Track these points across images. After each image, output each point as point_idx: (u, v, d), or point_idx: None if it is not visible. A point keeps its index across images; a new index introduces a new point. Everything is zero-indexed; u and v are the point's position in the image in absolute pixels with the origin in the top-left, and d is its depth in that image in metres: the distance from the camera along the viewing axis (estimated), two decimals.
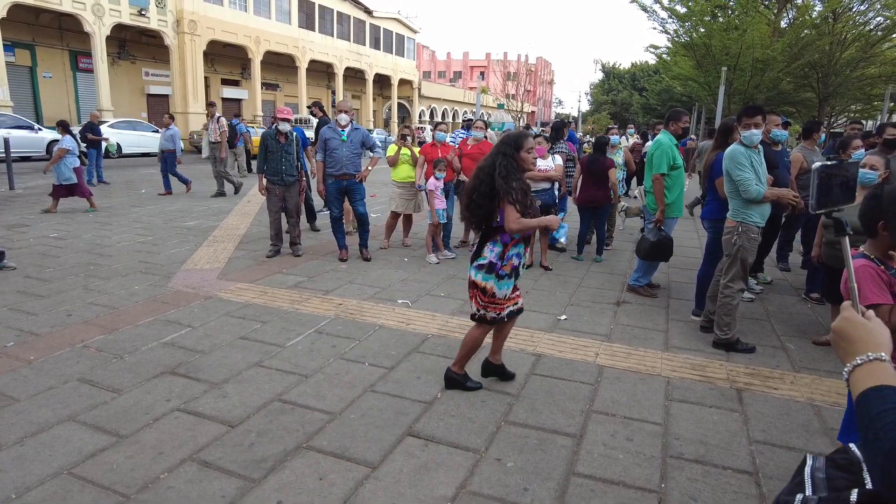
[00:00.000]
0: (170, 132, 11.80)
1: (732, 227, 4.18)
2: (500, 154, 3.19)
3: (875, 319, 1.09)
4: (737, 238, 4.14)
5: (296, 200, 6.85)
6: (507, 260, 3.21)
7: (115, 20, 22.31)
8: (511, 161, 3.16)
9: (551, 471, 2.69)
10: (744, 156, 4.06)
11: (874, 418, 0.88)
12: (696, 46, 24.18)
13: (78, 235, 7.52)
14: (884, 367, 0.98)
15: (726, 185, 4.23)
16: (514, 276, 3.27)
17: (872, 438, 0.86)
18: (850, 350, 1.05)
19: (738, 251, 4.15)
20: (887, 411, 0.88)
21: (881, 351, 1.01)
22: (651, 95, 46.54)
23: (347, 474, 2.61)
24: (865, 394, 0.94)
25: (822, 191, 1.39)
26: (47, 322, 4.41)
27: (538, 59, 68.94)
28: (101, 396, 3.28)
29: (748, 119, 4.10)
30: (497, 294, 3.23)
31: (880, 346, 1.02)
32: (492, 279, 3.21)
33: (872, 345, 1.03)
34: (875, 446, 0.85)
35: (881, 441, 0.84)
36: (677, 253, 7.43)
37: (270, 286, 5.53)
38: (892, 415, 0.87)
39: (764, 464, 2.80)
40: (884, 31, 22.41)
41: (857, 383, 0.98)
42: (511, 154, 3.18)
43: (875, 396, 0.92)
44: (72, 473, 2.56)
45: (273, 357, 3.89)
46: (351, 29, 37.14)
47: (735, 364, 4.01)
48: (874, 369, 0.98)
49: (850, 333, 1.07)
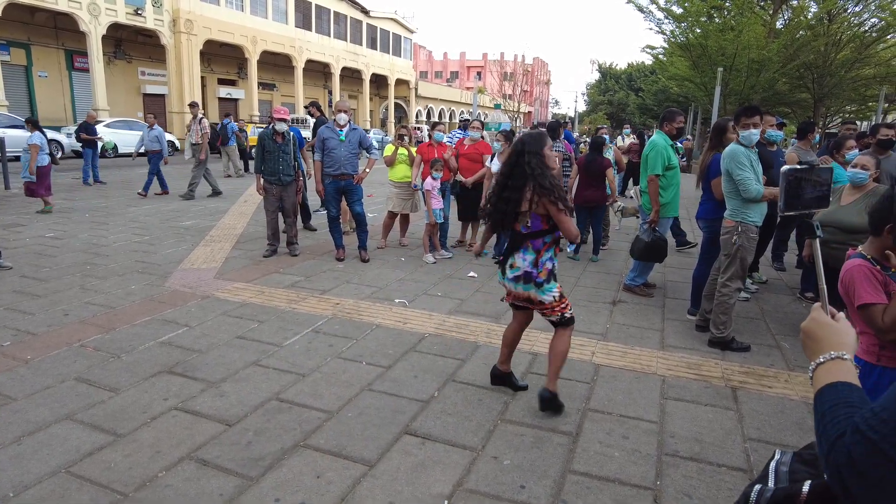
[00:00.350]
0: (154, 132, 11.55)
1: (731, 226, 4.20)
2: (526, 153, 3.06)
3: (842, 320, 1.12)
4: (736, 237, 4.16)
5: (293, 200, 6.86)
6: (541, 266, 3.11)
7: (111, 19, 22.26)
8: (542, 160, 3.05)
9: (548, 468, 2.70)
10: (744, 155, 4.08)
11: (825, 413, 0.91)
12: (693, 47, 24.23)
13: (74, 235, 7.51)
14: (844, 364, 1.01)
15: (725, 184, 4.25)
16: (552, 279, 3.15)
17: (822, 431, 0.89)
18: (815, 349, 1.09)
19: (738, 251, 4.18)
20: (837, 405, 0.91)
21: (843, 350, 1.03)
22: (647, 96, 46.61)
23: (345, 472, 2.63)
24: (821, 390, 0.97)
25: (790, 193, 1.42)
26: (44, 321, 4.41)
27: (535, 60, 69.06)
28: (99, 395, 3.28)
29: (747, 119, 4.13)
30: (544, 301, 3.11)
31: (843, 346, 1.05)
32: (532, 288, 3.11)
33: (836, 344, 1.06)
34: (823, 439, 0.87)
35: (828, 433, 0.87)
36: (673, 252, 7.47)
37: (267, 286, 5.53)
38: (841, 408, 0.89)
39: (758, 461, 2.82)
40: (878, 33, 22.51)
41: (818, 380, 1.01)
42: (539, 152, 3.06)
43: (829, 392, 0.95)
44: (69, 472, 2.57)
45: (270, 356, 3.90)
46: (348, 29, 37.13)
47: (730, 363, 4.04)
48: (834, 367, 1.01)
49: (816, 333, 1.11)
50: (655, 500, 2.50)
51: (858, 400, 0.92)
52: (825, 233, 4.19)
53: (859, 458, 0.78)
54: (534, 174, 3.01)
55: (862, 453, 0.78)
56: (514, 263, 3.15)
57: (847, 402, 0.91)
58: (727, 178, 4.19)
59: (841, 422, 0.86)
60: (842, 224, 4.09)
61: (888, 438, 0.76)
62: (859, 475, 0.78)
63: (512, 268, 3.15)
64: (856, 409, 0.87)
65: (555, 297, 3.12)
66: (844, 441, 0.82)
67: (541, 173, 3.01)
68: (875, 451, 0.77)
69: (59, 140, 18.67)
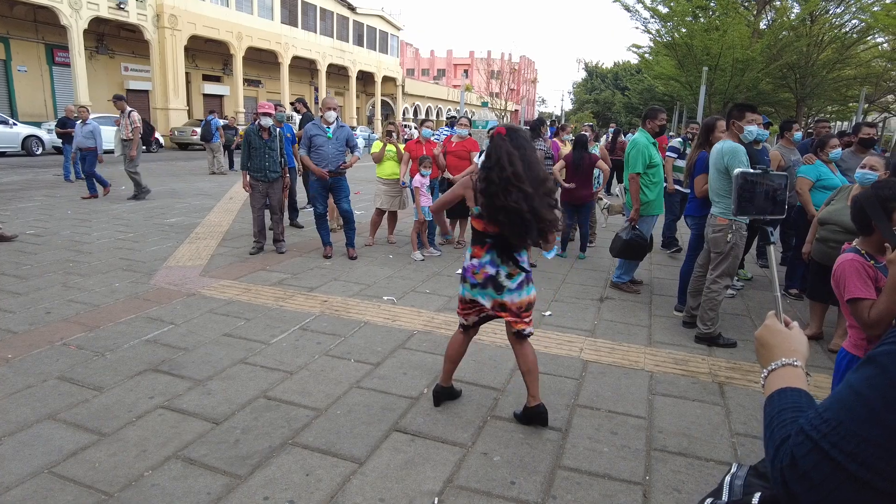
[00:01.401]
0: (88, 127, 10.31)
1: (725, 224, 4.20)
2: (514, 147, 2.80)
3: (795, 329, 1.13)
4: (731, 235, 4.18)
5: (279, 197, 6.80)
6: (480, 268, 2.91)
7: (92, 13, 21.89)
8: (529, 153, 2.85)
9: (537, 464, 2.71)
10: (744, 154, 4.10)
11: (773, 417, 0.90)
12: (678, 46, 24.43)
13: (56, 232, 7.38)
14: (794, 371, 1.01)
15: (720, 182, 4.23)
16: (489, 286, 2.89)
17: (769, 436, 0.88)
18: (767, 356, 1.09)
19: (731, 249, 4.21)
20: (784, 409, 0.90)
21: (794, 357, 1.04)
22: (633, 95, 46.94)
23: (334, 470, 2.61)
24: (771, 396, 0.97)
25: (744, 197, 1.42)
26: (25, 320, 4.33)
27: (521, 58, 69.16)
28: (82, 394, 3.22)
29: (751, 114, 4.18)
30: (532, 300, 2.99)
31: (794, 353, 1.05)
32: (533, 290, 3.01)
33: (788, 351, 1.06)
34: (769, 444, 0.86)
35: (774, 437, 0.85)
36: (659, 249, 7.53)
37: (254, 283, 5.48)
38: (788, 412, 0.89)
39: (745, 455, 2.85)
40: (859, 34, 22.85)
41: (768, 387, 1.00)
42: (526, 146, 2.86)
43: (778, 397, 0.95)
44: (52, 472, 2.52)
45: (257, 354, 3.86)
46: (334, 25, 36.91)
47: (717, 358, 4.07)
48: (784, 374, 1.01)
49: (769, 341, 1.11)
50: (644, 495, 2.52)
51: (807, 404, 0.91)
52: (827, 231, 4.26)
53: (801, 459, 0.77)
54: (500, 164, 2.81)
55: (804, 454, 0.76)
56: (512, 272, 2.89)
57: (795, 407, 0.90)
58: (724, 175, 4.18)
59: (787, 425, 0.85)
60: (844, 224, 4.12)
61: (829, 438, 0.75)
62: (802, 476, 0.76)
63: (511, 277, 2.89)
64: (802, 413, 0.86)
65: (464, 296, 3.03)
66: (789, 443, 0.80)
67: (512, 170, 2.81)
68: (817, 450, 0.75)
69: (40, 136, 18.37)
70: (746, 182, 1.42)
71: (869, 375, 0.76)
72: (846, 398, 0.77)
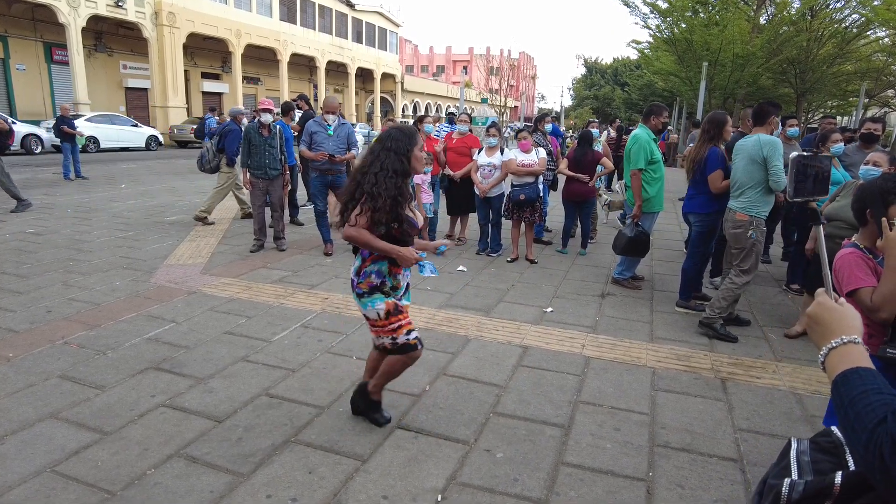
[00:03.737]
0: None
1: (746, 220, 4.26)
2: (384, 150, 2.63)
3: (847, 305, 1.12)
4: (753, 231, 4.24)
5: (280, 194, 6.79)
6: (363, 276, 2.70)
7: (90, 11, 21.82)
8: (403, 160, 2.62)
9: (540, 461, 2.70)
10: (781, 147, 4.17)
11: (854, 399, 0.90)
12: (678, 42, 24.40)
13: (56, 231, 7.37)
14: (858, 349, 1.01)
15: (748, 174, 4.25)
16: (375, 293, 2.69)
17: (854, 418, 0.88)
18: (824, 334, 1.08)
19: (755, 245, 4.27)
20: (867, 392, 0.90)
21: (854, 334, 1.03)
22: (633, 90, 46.90)
23: (337, 467, 2.60)
24: (844, 374, 0.96)
25: (799, 180, 1.44)
26: (26, 318, 4.32)
27: (521, 54, 69.03)
28: (84, 393, 3.22)
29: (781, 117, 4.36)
30: (367, 315, 2.73)
31: (853, 330, 1.05)
32: (356, 300, 2.76)
33: (846, 328, 1.05)
34: (857, 426, 0.87)
35: (863, 421, 0.86)
36: (660, 245, 7.53)
37: (255, 281, 5.47)
38: (873, 395, 0.89)
39: (748, 451, 2.85)
40: (859, 28, 22.80)
41: (833, 366, 1.00)
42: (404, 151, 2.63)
43: (854, 377, 0.95)
44: (55, 471, 2.52)
45: (259, 352, 3.85)
46: (333, 22, 36.81)
47: (719, 354, 4.07)
48: (849, 352, 1.01)
49: (825, 318, 1.10)
50: (648, 491, 2.51)
51: (884, 385, 0.92)
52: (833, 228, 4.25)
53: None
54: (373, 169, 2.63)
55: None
56: None
57: (876, 389, 0.91)
58: (758, 166, 4.20)
59: (877, 408, 0.86)
60: (849, 220, 4.11)
61: None
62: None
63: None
64: (885, 395, 0.87)
65: (379, 313, 2.69)
66: (887, 427, 0.82)
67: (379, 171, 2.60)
68: None
69: (39, 135, 18.33)
70: (803, 166, 1.44)
71: None
72: None
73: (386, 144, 2.64)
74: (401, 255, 2.62)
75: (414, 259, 2.64)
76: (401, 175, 2.61)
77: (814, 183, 1.45)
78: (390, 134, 2.68)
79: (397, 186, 2.58)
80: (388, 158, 2.61)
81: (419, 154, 2.69)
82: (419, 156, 2.69)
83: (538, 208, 6.46)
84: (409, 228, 2.68)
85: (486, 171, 6.58)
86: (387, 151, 2.62)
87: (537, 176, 6.53)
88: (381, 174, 2.58)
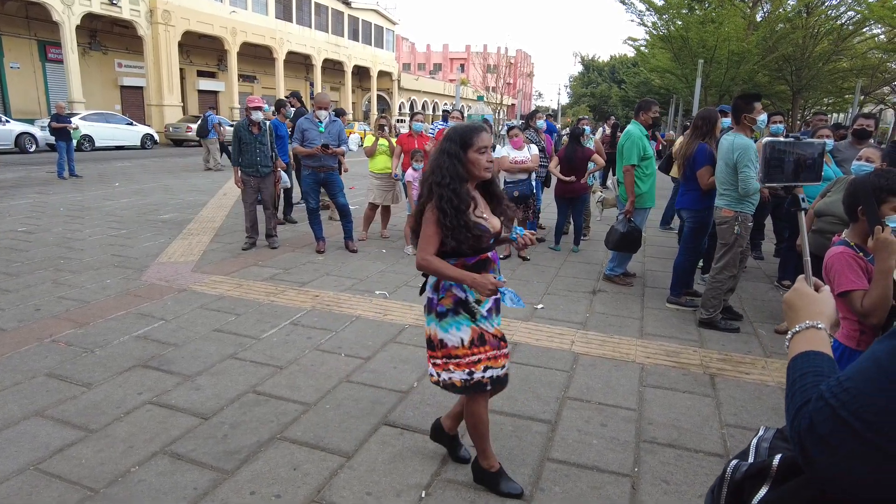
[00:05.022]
0: None
1: (731, 216, 4.28)
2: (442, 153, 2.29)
3: (825, 291, 1.14)
4: (738, 227, 4.27)
5: (271, 192, 6.77)
6: (444, 291, 2.30)
7: (85, 9, 21.74)
8: (455, 163, 2.25)
9: (526, 457, 2.70)
10: (753, 151, 4.13)
11: (795, 380, 0.92)
12: (674, 39, 24.38)
13: (48, 229, 7.35)
14: (818, 334, 1.02)
15: (726, 175, 4.26)
16: (461, 312, 2.28)
17: (789, 398, 0.90)
18: (793, 318, 1.10)
19: (737, 240, 4.29)
20: (806, 374, 0.91)
21: (818, 320, 1.04)
22: (629, 88, 46.84)
23: (322, 464, 2.60)
24: (794, 358, 0.98)
25: (772, 165, 1.43)
26: (14, 317, 4.30)
27: (518, 52, 68.98)
28: (71, 391, 3.21)
29: (758, 105, 4.25)
30: (446, 341, 2.29)
31: (819, 315, 1.06)
32: (433, 321, 2.33)
33: (813, 314, 1.07)
34: (789, 406, 0.88)
35: (794, 400, 0.87)
36: (652, 242, 7.53)
37: (246, 278, 5.46)
38: (809, 377, 0.90)
39: (735, 446, 2.85)
40: (855, 25, 22.81)
41: (792, 349, 1.02)
42: (456, 153, 2.26)
43: (801, 360, 0.96)
44: (38, 469, 2.51)
45: (247, 349, 3.84)
46: (329, 20, 36.74)
47: (708, 350, 4.07)
48: (809, 336, 1.02)
49: (796, 303, 1.13)
50: (633, 487, 2.51)
51: (828, 369, 0.92)
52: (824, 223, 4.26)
53: (820, 425, 0.79)
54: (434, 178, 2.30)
55: (822, 419, 0.79)
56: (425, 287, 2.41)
57: (816, 371, 0.91)
58: (731, 169, 4.21)
59: (808, 390, 0.87)
60: (841, 216, 4.11)
61: (848, 406, 0.77)
62: (819, 441, 0.79)
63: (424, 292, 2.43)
64: (823, 378, 0.88)
65: (463, 339, 2.28)
66: (808, 408, 0.82)
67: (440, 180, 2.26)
68: (835, 417, 0.77)
69: (34, 133, 18.26)
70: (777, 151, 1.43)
71: (892, 348, 0.78)
72: (868, 368, 0.79)
73: (442, 146, 2.31)
74: (476, 283, 2.17)
75: (490, 285, 2.15)
76: (457, 180, 2.23)
77: (796, 169, 1.43)
78: (447, 134, 2.36)
79: (455, 192, 2.21)
80: (443, 161, 2.27)
81: (474, 157, 2.25)
82: (475, 158, 2.26)
83: (531, 205, 6.45)
84: (482, 235, 2.27)
85: None
86: (442, 154, 2.29)
87: (530, 172, 6.52)
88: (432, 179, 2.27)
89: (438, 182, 2.23)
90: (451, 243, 2.23)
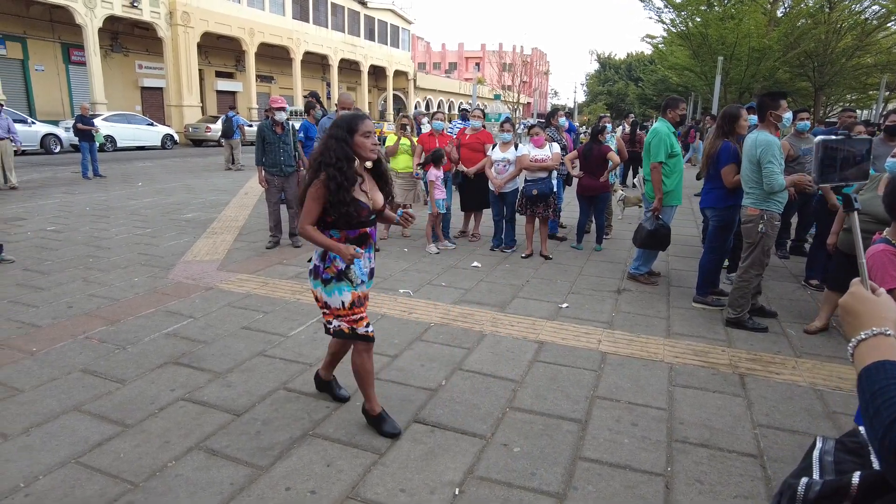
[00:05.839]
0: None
1: (756, 215, 4.23)
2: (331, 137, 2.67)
3: (883, 295, 1.06)
4: (763, 225, 4.22)
5: (295, 191, 6.82)
6: (329, 261, 2.72)
7: (107, 12, 22.06)
8: (343, 145, 2.63)
9: (558, 455, 2.70)
10: (778, 147, 4.09)
11: (875, 393, 0.85)
12: (693, 36, 24.15)
13: (76, 228, 7.48)
14: (888, 341, 0.95)
15: (751, 172, 4.22)
16: (343, 281, 2.72)
17: (873, 414, 0.84)
18: (855, 325, 1.02)
19: (762, 239, 4.24)
20: (889, 386, 0.85)
21: (885, 326, 0.97)
22: (647, 86, 46.46)
23: (355, 461, 2.62)
24: (868, 368, 0.91)
25: (825, 164, 1.40)
26: (48, 314, 4.39)
27: (533, 50, 68.71)
28: (106, 387, 3.27)
29: (784, 102, 4.22)
30: (330, 304, 2.75)
31: (885, 321, 0.99)
32: (319, 286, 2.76)
33: (878, 319, 0.99)
34: (875, 422, 0.82)
35: (881, 416, 0.82)
36: (677, 241, 7.46)
37: (271, 277, 5.52)
38: (893, 390, 0.84)
39: (768, 447, 2.82)
40: (879, 20, 22.40)
41: (861, 358, 0.95)
42: (343, 138, 2.64)
43: (878, 371, 0.89)
44: (79, 462, 2.56)
45: (276, 346, 3.88)
46: (345, 20, 36.88)
47: (737, 350, 4.03)
48: (878, 344, 0.95)
49: (857, 308, 1.04)
50: (667, 486, 2.50)
51: None
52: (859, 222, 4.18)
53: None
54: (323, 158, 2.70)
55: None
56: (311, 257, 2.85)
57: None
58: (755, 166, 4.17)
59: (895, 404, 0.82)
60: (875, 214, 4.04)
61: None
62: None
63: (309, 262, 2.86)
64: None
65: (343, 302, 2.73)
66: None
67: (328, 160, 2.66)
68: None
69: (58, 134, 18.60)
70: (830, 150, 1.40)
71: None
72: None
73: (331, 132, 2.68)
74: (340, 251, 2.60)
75: (350, 255, 2.58)
76: (345, 160, 2.62)
77: (846, 167, 1.40)
78: (334, 122, 2.75)
79: (340, 170, 2.59)
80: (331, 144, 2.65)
81: (360, 140, 2.67)
82: (360, 142, 2.67)
83: (552, 204, 6.43)
84: (358, 211, 2.66)
85: (501, 166, 6.57)
86: (331, 138, 2.66)
87: (550, 171, 6.50)
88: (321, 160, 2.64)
89: (327, 162, 2.60)
90: (334, 215, 2.63)
